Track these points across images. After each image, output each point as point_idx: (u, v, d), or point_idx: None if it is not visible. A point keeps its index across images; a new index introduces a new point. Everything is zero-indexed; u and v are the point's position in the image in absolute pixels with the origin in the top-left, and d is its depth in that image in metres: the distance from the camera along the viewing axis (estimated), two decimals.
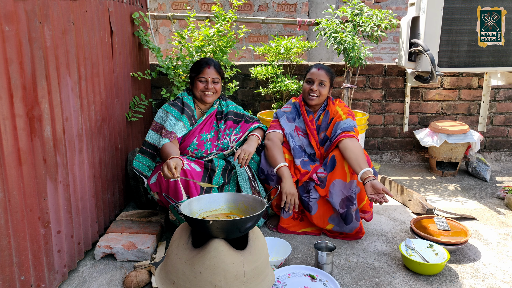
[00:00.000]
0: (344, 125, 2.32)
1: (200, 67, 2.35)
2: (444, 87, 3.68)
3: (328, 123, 2.41)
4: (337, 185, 2.25)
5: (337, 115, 2.39)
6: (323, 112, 2.46)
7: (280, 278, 1.91)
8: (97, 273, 2.00)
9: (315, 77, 2.37)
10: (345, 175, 2.24)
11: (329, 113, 2.43)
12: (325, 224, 2.35)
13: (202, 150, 2.37)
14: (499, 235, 2.40)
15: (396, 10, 5.92)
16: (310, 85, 2.39)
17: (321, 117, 2.45)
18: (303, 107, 2.47)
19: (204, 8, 5.27)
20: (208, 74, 2.33)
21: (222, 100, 2.54)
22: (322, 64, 2.45)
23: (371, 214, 2.39)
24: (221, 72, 2.41)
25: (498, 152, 3.83)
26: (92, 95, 2.17)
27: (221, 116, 2.49)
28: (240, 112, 2.55)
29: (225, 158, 2.46)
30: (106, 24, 2.37)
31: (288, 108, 2.52)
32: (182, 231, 1.74)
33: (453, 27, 2.94)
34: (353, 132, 2.29)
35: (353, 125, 2.34)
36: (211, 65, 2.35)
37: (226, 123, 2.47)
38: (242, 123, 2.51)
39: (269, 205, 1.93)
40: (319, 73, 2.37)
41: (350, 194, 2.23)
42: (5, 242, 1.49)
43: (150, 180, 2.24)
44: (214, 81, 2.35)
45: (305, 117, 2.45)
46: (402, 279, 1.96)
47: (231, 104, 2.56)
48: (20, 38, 1.52)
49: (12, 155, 1.50)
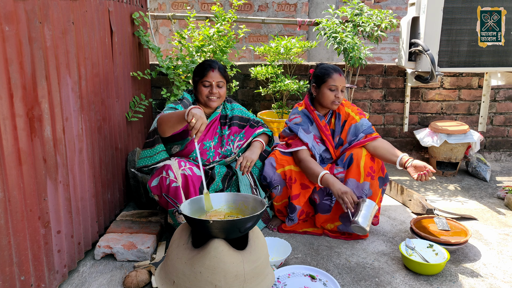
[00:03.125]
0: (364, 127, 2.33)
1: (204, 70, 2.24)
2: (444, 87, 3.68)
3: (342, 126, 2.38)
4: (350, 185, 2.26)
5: (350, 117, 2.37)
6: (332, 115, 2.42)
7: (280, 278, 1.91)
8: (97, 273, 2.00)
9: (339, 83, 2.27)
10: (360, 176, 2.24)
11: (341, 116, 2.39)
12: (335, 221, 2.34)
13: (204, 159, 2.32)
14: (499, 235, 2.40)
15: (396, 10, 5.92)
16: (335, 92, 2.28)
17: (332, 120, 2.41)
18: (314, 112, 2.39)
19: (204, 8, 5.27)
20: (213, 78, 2.23)
21: (226, 103, 2.46)
22: (339, 67, 2.34)
23: (378, 220, 2.39)
24: (226, 75, 2.30)
25: (498, 152, 3.83)
26: (92, 95, 2.17)
27: (225, 121, 2.40)
28: (245, 116, 2.47)
29: (226, 164, 2.43)
30: (106, 24, 2.37)
31: (298, 119, 2.38)
32: (182, 231, 1.74)
33: (453, 27, 2.94)
34: (375, 133, 2.33)
35: (370, 124, 2.36)
36: (215, 68, 2.24)
37: (231, 129, 2.38)
38: (246, 128, 2.44)
39: (269, 205, 1.92)
40: (342, 79, 2.29)
41: (361, 195, 2.23)
42: (5, 242, 1.49)
43: (152, 183, 2.18)
44: (218, 85, 2.25)
45: (319, 123, 2.38)
46: (402, 279, 1.96)
47: (236, 108, 2.46)
48: (20, 38, 1.52)
49: (12, 155, 1.50)
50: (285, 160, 2.34)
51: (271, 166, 2.34)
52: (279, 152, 2.38)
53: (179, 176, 2.11)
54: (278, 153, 2.37)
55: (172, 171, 2.10)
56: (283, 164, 2.33)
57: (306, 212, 2.43)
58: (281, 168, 2.33)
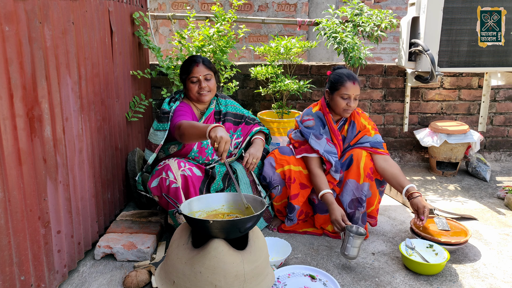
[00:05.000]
0: (374, 140, 2.30)
1: (189, 66, 2.26)
2: (444, 87, 3.68)
3: (355, 135, 2.35)
4: (350, 185, 2.25)
5: (366, 129, 2.34)
6: (346, 121, 2.38)
7: (280, 278, 1.91)
8: (97, 273, 2.00)
9: (352, 92, 2.22)
10: (359, 176, 2.24)
11: (356, 126, 2.35)
12: None
13: (203, 157, 2.32)
14: (499, 235, 2.40)
15: (396, 10, 5.92)
16: (347, 101, 2.23)
17: (345, 127, 2.37)
18: (329, 115, 2.33)
19: (204, 8, 5.27)
20: (199, 72, 2.24)
21: (220, 98, 2.46)
22: (354, 74, 2.28)
23: (376, 221, 2.39)
24: (212, 66, 2.30)
25: (498, 152, 3.83)
26: (92, 95, 2.17)
27: (219, 117, 2.41)
28: (239, 113, 2.47)
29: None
30: (106, 24, 2.37)
31: (311, 122, 2.32)
32: (182, 231, 1.74)
33: (453, 27, 2.94)
34: (383, 150, 2.28)
35: (382, 142, 2.32)
36: (199, 62, 2.25)
37: (224, 125, 2.38)
38: (242, 125, 2.44)
39: (268, 205, 1.92)
40: (356, 87, 2.23)
41: (360, 196, 2.23)
42: (5, 242, 1.49)
43: (152, 183, 2.18)
44: (206, 78, 2.26)
45: (332, 127, 2.34)
46: (402, 279, 1.96)
47: (230, 104, 2.47)
48: (20, 38, 1.52)
49: (12, 155, 1.50)
50: (284, 160, 2.34)
51: (270, 166, 2.34)
52: (278, 151, 2.38)
53: (179, 177, 2.11)
54: (278, 152, 2.37)
55: (172, 172, 2.10)
56: (283, 164, 2.33)
57: (306, 212, 2.42)
58: (281, 168, 2.33)
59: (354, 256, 2.02)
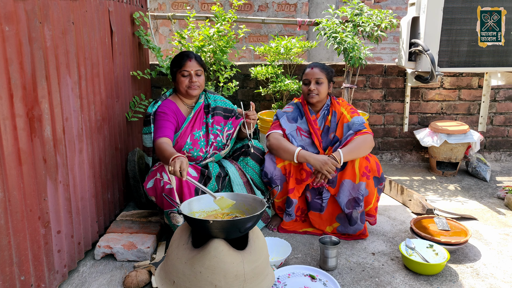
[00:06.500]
0: (354, 125, 2.35)
1: (181, 60, 2.30)
2: (444, 87, 3.68)
3: (337, 123, 2.42)
4: (346, 185, 2.26)
5: (343, 116, 2.41)
6: (328, 112, 2.45)
7: (280, 278, 1.91)
8: (97, 273, 2.00)
9: (310, 76, 2.38)
10: (355, 176, 2.24)
11: (336, 114, 2.43)
12: (332, 222, 2.36)
13: (198, 149, 2.33)
14: (499, 235, 2.40)
15: (396, 10, 5.92)
16: (308, 86, 2.39)
17: (328, 117, 2.44)
18: (305, 106, 2.46)
19: (204, 8, 5.27)
20: (191, 67, 2.28)
21: (208, 93, 2.50)
22: (316, 62, 2.45)
23: (376, 219, 2.39)
24: (203, 63, 2.37)
25: (498, 152, 3.83)
26: (92, 95, 2.17)
27: (208, 110, 2.44)
28: (229, 108, 2.49)
29: (219, 162, 2.45)
30: (106, 24, 2.37)
31: (290, 109, 2.50)
32: (182, 231, 1.74)
33: (453, 27, 2.94)
34: (364, 129, 2.33)
35: (362, 121, 2.37)
36: (192, 57, 2.30)
37: (214, 118, 2.41)
38: (233, 119, 2.46)
39: (269, 205, 1.92)
40: (314, 71, 2.38)
41: (357, 195, 2.23)
42: (5, 242, 1.49)
43: (147, 184, 2.18)
44: (197, 74, 2.31)
45: (308, 116, 2.44)
46: (402, 279, 1.96)
47: (219, 99, 2.50)
48: (20, 38, 1.52)
49: (12, 155, 1.50)
50: None
51: (271, 161, 2.35)
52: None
53: (173, 178, 2.11)
54: None
55: (166, 173, 2.11)
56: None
57: (302, 209, 2.44)
58: (281, 163, 2.34)
59: (334, 266, 2.03)
